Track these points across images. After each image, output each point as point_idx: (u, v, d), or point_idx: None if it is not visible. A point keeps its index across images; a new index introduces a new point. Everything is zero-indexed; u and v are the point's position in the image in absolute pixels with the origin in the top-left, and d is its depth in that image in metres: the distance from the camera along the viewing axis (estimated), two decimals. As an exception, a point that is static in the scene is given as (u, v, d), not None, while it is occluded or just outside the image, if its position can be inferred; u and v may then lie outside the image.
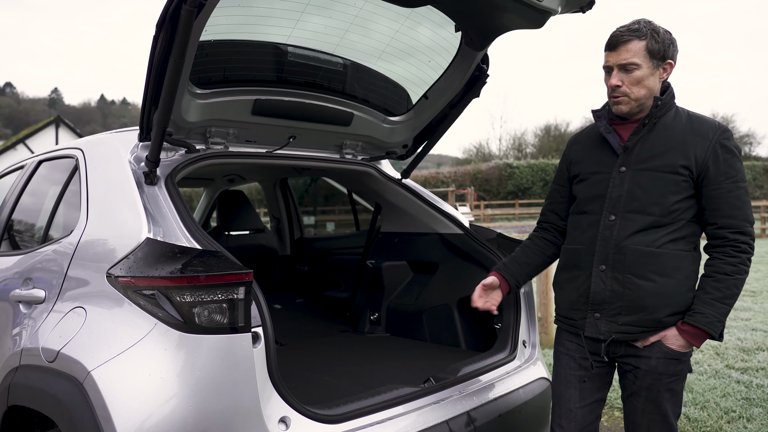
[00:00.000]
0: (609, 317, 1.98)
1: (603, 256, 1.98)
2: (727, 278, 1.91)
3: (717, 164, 1.91)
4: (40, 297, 2.27)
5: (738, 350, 5.31)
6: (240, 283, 1.80)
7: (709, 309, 1.89)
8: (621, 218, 1.97)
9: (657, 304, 1.92)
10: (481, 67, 2.84)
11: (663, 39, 1.94)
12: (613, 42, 1.96)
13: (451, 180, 34.42)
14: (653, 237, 1.93)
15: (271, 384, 1.87)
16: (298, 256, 4.57)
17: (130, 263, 1.92)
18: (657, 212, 1.93)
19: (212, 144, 2.60)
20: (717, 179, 1.91)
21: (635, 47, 1.92)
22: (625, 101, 1.97)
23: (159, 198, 2.15)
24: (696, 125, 1.97)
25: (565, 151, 2.25)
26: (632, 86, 1.94)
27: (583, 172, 2.12)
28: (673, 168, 1.93)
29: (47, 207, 2.75)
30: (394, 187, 3.30)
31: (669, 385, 1.96)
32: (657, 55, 1.94)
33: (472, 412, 2.33)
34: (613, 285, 1.96)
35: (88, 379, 1.82)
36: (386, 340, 3.35)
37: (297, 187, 5.01)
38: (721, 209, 1.92)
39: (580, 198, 2.11)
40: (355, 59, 2.76)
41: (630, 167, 1.98)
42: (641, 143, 1.98)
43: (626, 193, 1.97)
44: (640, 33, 1.93)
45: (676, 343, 1.93)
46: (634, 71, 1.93)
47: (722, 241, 1.93)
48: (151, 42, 2.00)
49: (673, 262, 1.92)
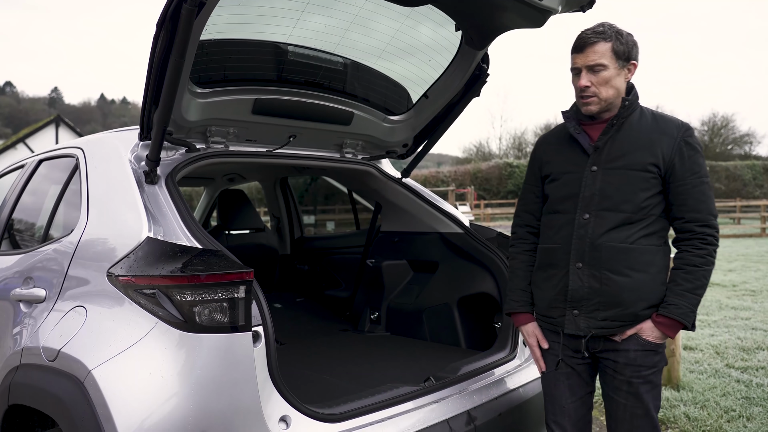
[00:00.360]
0: (587, 313, 2.03)
1: (579, 254, 2.04)
2: (696, 270, 1.98)
3: (682, 161, 1.99)
4: (40, 296, 2.27)
5: (738, 349, 5.31)
6: (240, 282, 1.81)
7: (681, 300, 1.97)
8: (595, 216, 2.02)
9: (633, 298, 1.99)
10: (482, 67, 2.84)
11: (627, 41, 2.01)
12: (580, 44, 2.02)
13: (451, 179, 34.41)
14: (627, 233, 2.00)
15: (271, 383, 1.88)
16: (298, 255, 4.57)
17: (130, 262, 1.92)
18: (629, 209, 2.00)
19: (212, 143, 2.60)
20: (683, 175, 1.99)
21: (602, 48, 1.99)
22: (594, 101, 2.03)
23: (159, 197, 2.15)
24: (661, 124, 2.04)
25: (533, 152, 2.29)
26: (601, 86, 2.01)
27: (554, 172, 2.16)
28: (643, 166, 2.00)
29: (47, 206, 2.75)
30: (394, 186, 3.30)
31: (648, 377, 2.01)
32: (622, 56, 2.01)
33: (472, 411, 2.33)
34: (590, 282, 2.02)
35: (88, 378, 1.82)
36: (386, 339, 3.36)
37: (297, 186, 5.01)
38: (688, 204, 1.99)
39: (553, 197, 2.16)
40: (355, 58, 2.76)
41: (601, 166, 2.04)
42: (611, 142, 2.05)
43: (599, 191, 2.03)
44: (606, 35, 1.99)
45: (653, 335, 2.00)
46: (602, 72, 2.00)
47: (690, 234, 2.00)
48: (151, 41, 2.00)
49: (646, 257, 2.00)
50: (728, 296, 8.17)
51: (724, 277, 10.04)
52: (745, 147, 44.60)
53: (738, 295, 8.24)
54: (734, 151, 43.89)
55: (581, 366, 2.13)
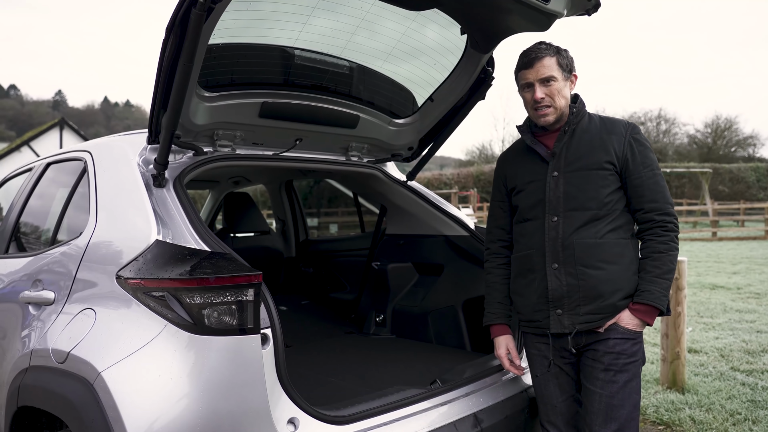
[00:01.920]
0: (570, 310, 2.12)
1: (553, 255, 2.14)
2: (662, 255, 2.09)
3: (634, 156, 2.14)
4: (49, 298, 2.28)
5: (743, 352, 5.30)
6: (249, 284, 1.82)
7: (653, 286, 2.07)
8: (563, 217, 2.14)
9: (610, 289, 2.09)
10: (487, 70, 2.85)
11: (566, 55, 2.20)
12: (529, 60, 2.17)
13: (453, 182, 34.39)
14: (595, 229, 2.11)
15: (280, 385, 1.89)
16: (304, 257, 4.58)
17: (139, 265, 1.93)
18: (594, 206, 2.12)
19: (219, 146, 2.62)
20: (636, 169, 2.13)
21: (549, 62, 2.15)
22: (551, 112, 2.17)
23: (167, 200, 2.17)
24: (609, 125, 2.20)
25: (496, 170, 2.43)
26: (554, 97, 2.16)
27: (519, 184, 2.29)
28: (599, 165, 2.13)
29: (56, 209, 2.77)
30: (399, 189, 3.31)
31: (626, 366, 2.09)
32: (566, 68, 2.19)
33: (479, 414, 2.34)
34: (567, 279, 2.12)
35: (98, 380, 1.83)
36: (392, 342, 3.36)
37: (301, 189, 5.03)
38: (645, 195, 2.12)
39: (522, 207, 2.28)
40: (362, 61, 2.78)
41: (561, 170, 2.17)
42: (566, 148, 2.19)
43: (563, 194, 2.15)
44: (550, 50, 2.17)
45: (631, 322, 2.09)
46: (554, 84, 2.15)
47: (651, 223, 2.13)
48: (160, 45, 2.02)
49: (615, 250, 2.11)
50: (733, 299, 8.15)
51: (728, 279, 10.02)
52: (749, 149, 44.52)
53: (743, 298, 8.22)
54: (738, 154, 43.80)
55: (568, 365, 2.22)
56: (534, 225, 2.21)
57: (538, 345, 2.26)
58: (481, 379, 2.51)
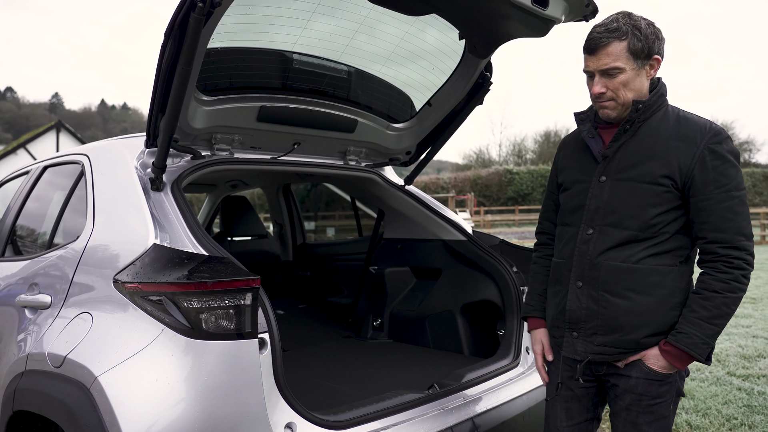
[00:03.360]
0: (585, 337, 1.86)
1: (579, 272, 1.86)
2: (716, 296, 1.73)
3: (705, 172, 1.74)
4: (45, 302, 2.27)
5: (739, 357, 5.31)
6: (247, 289, 1.81)
7: (693, 329, 1.73)
8: (598, 232, 1.84)
9: (633, 323, 1.78)
10: (485, 75, 2.86)
11: (646, 35, 1.76)
12: (592, 46, 1.79)
13: (451, 186, 34.46)
14: (630, 252, 1.79)
15: (277, 390, 1.88)
16: (301, 261, 4.58)
17: (137, 269, 1.93)
18: (634, 226, 1.79)
19: (217, 150, 2.61)
20: (705, 189, 1.74)
21: (616, 50, 1.75)
22: (612, 106, 1.81)
23: (165, 204, 2.17)
24: (683, 128, 1.79)
25: (555, 155, 2.12)
26: (618, 91, 1.79)
27: (566, 181, 1.99)
28: (653, 178, 1.77)
29: (52, 213, 2.76)
30: (397, 193, 3.32)
31: (650, 407, 1.81)
32: (641, 54, 1.76)
33: (476, 419, 2.33)
34: (588, 303, 1.84)
35: (95, 384, 1.83)
36: (389, 346, 3.36)
37: (298, 192, 5.03)
38: (710, 222, 1.74)
39: (563, 208, 1.99)
40: (360, 65, 2.78)
41: (610, 176, 1.84)
42: (622, 150, 1.83)
43: (605, 204, 1.83)
44: (620, 32, 1.75)
45: (657, 363, 1.78)
46: (618, 75, 1.77)
47: (713, 256, 1.76)
48: (159, 48, 2.02)
49: (652, 278, 1.77)
50: (729, 304, 8.16)
51: (724, 284, 10.03)
52: (745, 155, 44.68)
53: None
54: (734, 159, 43.89)
55: (581, 390, 1.95)
56: (570, 232, 1.92)
57: (555, 362, 2.02)
58: (478, 384, 2.51)
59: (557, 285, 1.96)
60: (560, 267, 1.95)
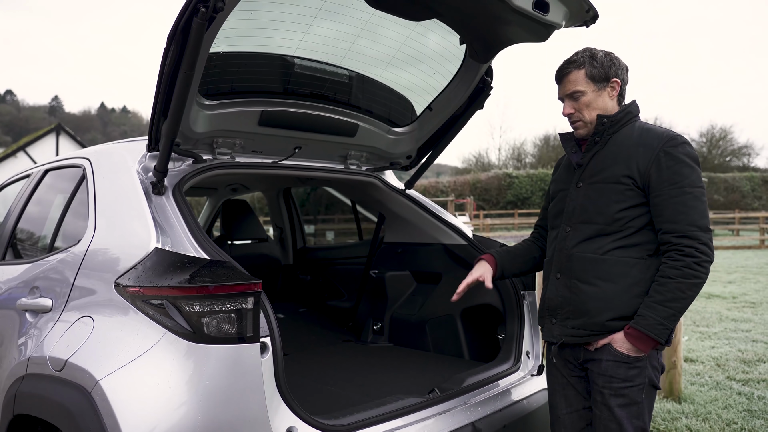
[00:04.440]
0: (561, 321, 2.11)
1: (558, 265, 2.14)
2: (669, 281, 1.92)
3: (659, 171, 1.97)
4: (47, 306, 2.27)
5: (739, 362, 5.31)
6: (249, 293, 1.82)
7: (650, 312, 1.93)
8: (573, 229, 2.11)
9: (599, 307, 2.01)
10: (485, 80, 2.87)
11: (602, 62, 2.10)
12: (557, 76, 2.16)
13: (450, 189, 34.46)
14: (598, 244, 2.04)
15: (278, 394, 1.88)
16: (301, 265, 4.58)
17: (138, 273, 1.93)
18: (601, 221, 2.04)
19: (219, 154, 2.62)
20: (660, 186, 1.97)
21: (575, 77, 2.11)
22: (581, 125, 2.14)
23: (167, 208, 2.17)
24: (644, 137, 2.05)
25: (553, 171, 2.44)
26: (583, 111, 2.11)
27: (553, 191, 2.30)
28: (616, 178, 2.03)
29: (54, 216, 2.76)
30: (397, 197, 3.32)
31: (621, 390, 1.99)
32: (598, 78, 2.09)
33: (477, 423, 2.33)
34: (563, 291, 2.10)
35: (96, 388, 1.83)
36: (389, 350, 3.36)
37: (298, 196, 5.03)
38: (664, 215, 1.96)
39: (549, 214, 2.30)
40: (363, 68, 2.79)
41: (584, 182, 2.13)
42: (594, 159, 2.12)
43: (579, 206, 2.12)
44: (577, 62, 2.11)
45: (624, 346, 1.98)
46: (581, 97, 2.11)
47: (667, 246, 1.97)
48: (161, 53, 2.03)
49: (618, 268, 2.00)
50: (728, 308, 8.17)
51: (723, 288, 10.05)
52: (744, 159, 44.78)
53: (738, 307, 8.24)
54: (732, 163, 44.05)
55: (575, 378, 2.16)
56: (555, 234, 2.22)
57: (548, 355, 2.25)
58: (479, 389, 2.51)
59: (545, 281, 2.23)
60: (547, 264, 2.23)
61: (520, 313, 2.83)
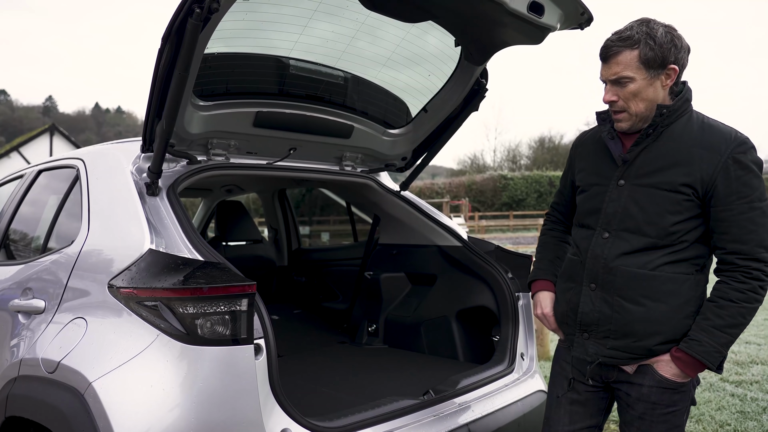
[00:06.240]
0: (597, 339, 1.84)
1: (593, 275, 1.84)
2: (731, 305, 1.71)
3: (728, 182, 1.70)
4: (39, 307, 2.26)
5: (732, 363, 5.33)
6: (243, 294, 1.81)
7: (706, 337, 1.71)
8: (614, 236, 1.82)
9: (646, 330, 1.77)
10: (480, 82, 2.87)
11: (661, 43, 1.73)
12: (603, 54, 1.79)
13: (445, 191, 34.52)
14: (647, 258, 1.77)
15: (272, 396, 1.88)
16: (296, 266, 4.57)
17: (132, 274, 1.92)
18: (653, 233, 1.77)
19: (213, 155, 2.61)
20: (727, 199, 1.71)
21: (626, 59, 1.74)
22: (624, 117, 1.80)
23: (161, 209, 2.16)
24: (707, 136, 1.75)
25: (570, 152, 2.09)
26: (629, 101, 1.77)
27: (584, 184, 1.96)
28: (674, 186, 1.74)
29: (47, 217, 2.75)
30: (392, 199, 3.32)
31: (664, 416, 1.79)
32: (653, 64, 1.73)
33: (471, 425, 2.34)
34: (602, 306, 1.82)
35: (89, 390, 1.82)
36: (384, 352, 3.36)
37: (293, 197, 5.03)
38: (731, 233, 1.71)
39: (580, 210, 1.97)
40: (358, 69, 2.79)
41: (629, 181, 1.81)
42: (644, 155, 1.80)
43: (622, 209, 1.81)
44: (632, 41, 1.73)
45: (669, 371, 1.77)
46: (628, 85, 1.76)
47: (731, 266, 1.74)
48: (156, 54, 2.02)
49: (668, 286, 1.76)
50: (722, 310, 8.20)
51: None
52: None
53: (731, 309, 8.27)
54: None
55: (588, 393, 1.92)
56: (586, 234, 1.90)
57: (563, 363, 1.99)
58: (473, 390, 2.51)
59: (569, 281, 1.93)
60: (575, 265, 1.92)
61: (515, 315, 2.83)
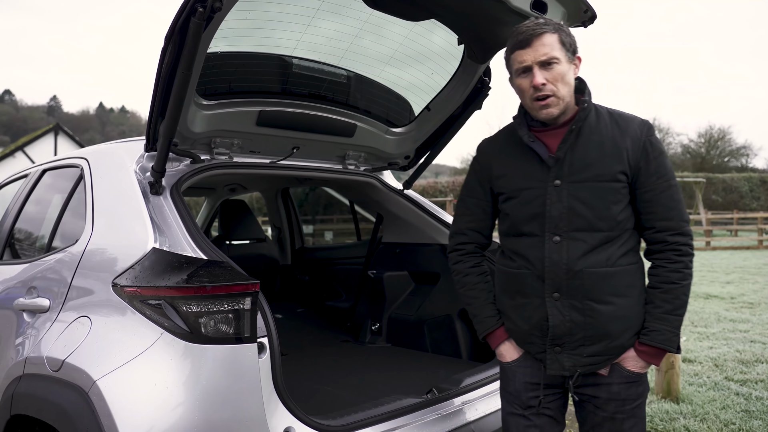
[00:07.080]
0: (571, 350, 1.78)
1: (554, 283, 1.76)
2: (674, 287, 1.74)
3: (648, 164, 1.76)
4: (44, 306, 2.27)
5: (737, 362, 5.31)
6: (246, 293, 1.82)
7: (663, 325, 1.74)
8: (567, 238, 1.76)
9: (620, 328, 1.76)
10: (484, 80, 2.87)
11: (569, 31, 1.78)
12: (526, 38, 1.73)
13: (449, 189, 34.48)
14: (606, 255, 1.75)
15: (276, 394, 1.88)
16: (299, 265, 4.58)
17: (136, 273, 1.93)
18: (605, 227, 1.75)
19: (217, 154, 2.62)
20: (649, 179, 1.76)
21: (550, 40, 1.72)
22: (553, 102, 1.74)
23: (164, 208, 2.17)
24: (622, 124, 1.79)
25: (477, 160, 1.98)
26: (557, 83, 1.72)
27: (509, 190, 1.86)
28: (613, 176, 1.75)
29: (51, 216, 2.76)
30: (396, 197, 3.32)
31: (632, 411, 1.80)
32: (570, 48, 1.76)
33: (474, 424, 2.34)
34: (572, 314, 1.75)
35: (93, 388, 1.82)
36: (387, 351, 3.36)
37: (297, 196, 5.04)
38: (657, 211, 1.76)
39: (515, 218, 1.85)
40: (361, 67, 2.79)
41: (565, 180, 1.77)
42: (571, 151, 1.77)
43: (567, 210, 1.76)
44: (550, 26, 1.74)
45: (637, 365, 1.78)
46: (555, 66, 1.72)
47: (662, 245, 1.77)
48: (159, 53, 2.02)
49: (627, 279, 1.77)
50: (726, 308, 8.18)
51: (722, 289, 10.06)
52: (742, 159, 44.85)
53: (736, 308, 8.25)
54: (731, 164, 44.12)
55: (555, 403, 1.88)
56: (531, 242, 1.81)
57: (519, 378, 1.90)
58: (476, 389, 2.51)
59: (521, 297, 1.84)
60: (523, 278, 1.82)
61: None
